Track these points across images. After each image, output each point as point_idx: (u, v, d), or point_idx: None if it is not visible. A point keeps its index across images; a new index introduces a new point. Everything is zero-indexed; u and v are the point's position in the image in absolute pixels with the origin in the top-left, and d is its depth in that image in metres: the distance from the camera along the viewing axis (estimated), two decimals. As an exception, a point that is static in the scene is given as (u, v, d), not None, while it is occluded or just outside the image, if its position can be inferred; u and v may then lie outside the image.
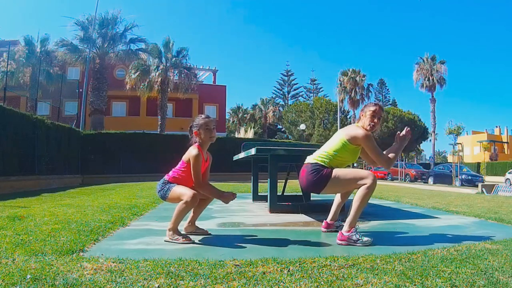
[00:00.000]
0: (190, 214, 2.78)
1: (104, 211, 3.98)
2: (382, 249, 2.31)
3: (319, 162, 2.61)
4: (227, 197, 2.58)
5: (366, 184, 2.49)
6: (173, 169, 2.66)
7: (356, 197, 2.52)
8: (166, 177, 2.62)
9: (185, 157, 2.60)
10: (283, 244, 2.55)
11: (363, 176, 2.52)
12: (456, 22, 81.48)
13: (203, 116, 2.69)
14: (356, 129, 2.62)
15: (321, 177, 2.55)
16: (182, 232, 2.63)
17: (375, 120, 2.63)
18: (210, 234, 2.80)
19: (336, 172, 2.56)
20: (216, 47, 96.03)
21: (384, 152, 2.68)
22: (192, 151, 2.55)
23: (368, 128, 2.63)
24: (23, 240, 2.41)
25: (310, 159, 2.68)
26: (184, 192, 2.46)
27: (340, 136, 2.64)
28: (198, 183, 2.54)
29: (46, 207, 4.46)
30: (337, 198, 2.92)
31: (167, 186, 2.56)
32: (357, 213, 2.51)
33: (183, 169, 2.60)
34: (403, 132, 2.76)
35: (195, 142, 2.62)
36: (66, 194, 6.94)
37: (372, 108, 2.66)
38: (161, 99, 20.50)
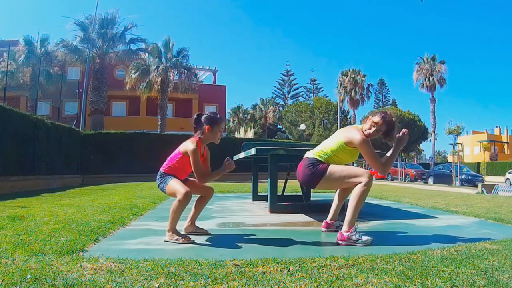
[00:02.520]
0: (192, 212, 2.78)
1: (104, 211, 3.98)
2: (382, 249, 2.31)
3: (316, 157, 2.65)
4: (228, 166, 2.59)
5: (361, 182, 2.50)
6: (168, 158, 2.65)
7: (353, 196, 2.53)
8: (162, 169, 2.62)
9: (181, 149, 2.59)
10: (283, 244, 2.55)
11: (358, 174, 2.54)
12: (456, 22, 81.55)
13: (219, 115, 2.68)
14: (354, 134, 2.61)
15: (316, 171, 2.58)
16: (182, 232, 2.63)
17: (373, 131, 2.63)
18: (210, 234, 2.80)
19: (332, 168, 2.59)
20: (216, 47, 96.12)
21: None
22: (189, 145, 2.53)
23: (365, 134, 2.64)
24: (23, 240, 2.41)
25: (309, 154, 2.73)
26: (178, 188, 2.45)
27: (338, 137, 2.67)
28: (200, 175, 2.54)
29: (46, 207, 4.46)
30: (336, 198, 2.92)
31: (164, 179, 2.56)
32: (354, 212, 2.51)
33: (177, 159, 2.59)
34: (399, 133, 2.74)
35: (197, 136, 2.60)
36: (66, 194, 6.94)
37: (376, 120, 2.64)
38: (161, 99, 20.50)
